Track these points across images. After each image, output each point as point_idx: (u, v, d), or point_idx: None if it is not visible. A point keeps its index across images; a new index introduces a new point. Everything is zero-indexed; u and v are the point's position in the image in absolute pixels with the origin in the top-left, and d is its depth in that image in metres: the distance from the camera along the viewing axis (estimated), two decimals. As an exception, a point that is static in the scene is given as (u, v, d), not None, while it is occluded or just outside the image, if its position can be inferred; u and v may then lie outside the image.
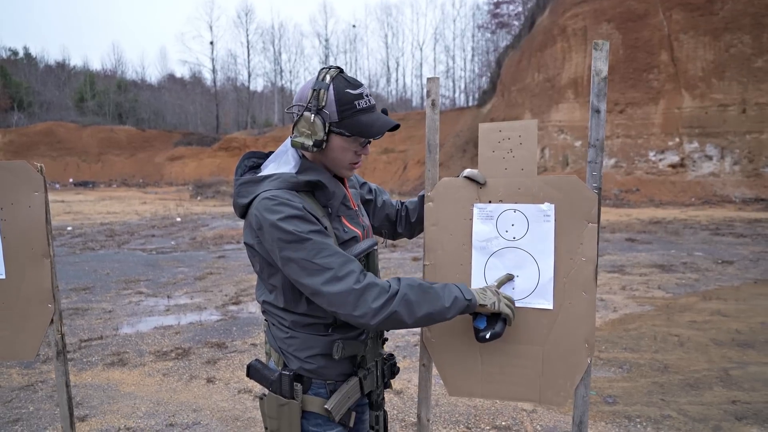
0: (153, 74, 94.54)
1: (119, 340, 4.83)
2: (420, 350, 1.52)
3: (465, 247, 1.43)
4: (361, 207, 1.47)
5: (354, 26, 76.81)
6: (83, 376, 3.96)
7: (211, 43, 66.53)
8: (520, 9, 42.74)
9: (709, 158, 19.66)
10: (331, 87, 1.21)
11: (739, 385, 3.54)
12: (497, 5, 47.04)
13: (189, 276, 7.76)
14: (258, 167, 1.35)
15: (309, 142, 1.23)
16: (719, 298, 5.91)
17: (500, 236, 1.41)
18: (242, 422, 3.19)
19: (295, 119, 1.24)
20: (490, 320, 1.30)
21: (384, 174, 33.96)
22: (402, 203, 1.64)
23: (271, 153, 1.36)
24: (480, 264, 1.42)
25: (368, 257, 1.36)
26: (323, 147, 1.24)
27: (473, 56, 59.63)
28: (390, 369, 1.46)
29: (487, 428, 3.05)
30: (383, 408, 1.44)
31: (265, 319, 1.38)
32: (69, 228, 13.66)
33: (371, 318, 1.15)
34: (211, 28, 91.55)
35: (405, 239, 1.70)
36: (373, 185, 1.59)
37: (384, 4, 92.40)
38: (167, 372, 4.04)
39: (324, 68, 1.25)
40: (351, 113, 1.22)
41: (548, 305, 1.38)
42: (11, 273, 1.84)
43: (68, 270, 8.08)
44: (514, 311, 1.32)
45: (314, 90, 1.22)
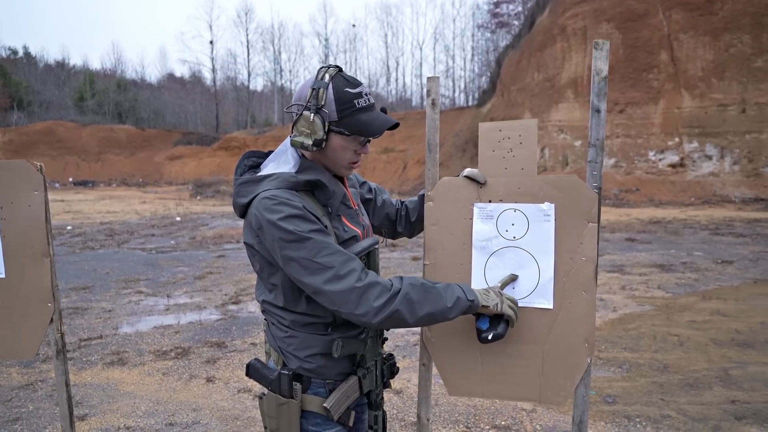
0: (153, 73, 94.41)
1: (119, 340, 4.83)
2: (420, 350, 1.52)
3: (465, 247, 1.43)
4: (361, 206, 1.46)
5: (354, 26, 76.83)
6: (83, 376, 3.96)
7: (211, 43, 66.51)
8: (520, 9, 42.76)
9: (709, 158, 19.65)
10: (331, 86, 1.21)
11: (739, 385, 3.54)
12: (497, 5, 47.06)
13: (189, 275, 7.76)
14: (257, 167, 1.35)
15: (308, 141, 1.22)
16: (719, 298, 5.91)
17: (500, 236, 1.40)
18: (242, 421, 3.19)
19: (295, 118, 1.24)
20: (493, 321, 1.29)
21: (384, 173, 33.93)
22: (402, 202, 1.63)
23: (271, 152, 1.36)
24: (480, 263, 1.42)
25: (369, 256, 1.36)
26: (323, 146, 1.23)
27: (473, 56, 59.75)
28: (389, 369, 1.45)
29: (487, 428, 3.05)
30: (382, 408, 1.44)
31: (265, 319, 1.38)
32: (69, 227, 13.65)
33: (373, 316, 1.15)
34: (211, 28, 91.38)
35: (405, 239, 1.70)
36: (373, 184, 1.59)
37: (384, 4, 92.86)
38: (167, 371, 4.04)
39: (323, 67, 1.25)
40: (350, 112, 1.22)
41: (548, 305, 1.37)
42: (11, 272, 1.84)
43: (68, 269, 8.08)
44: (518, 313, 1.31)
45: (313, 89, 1.21)
